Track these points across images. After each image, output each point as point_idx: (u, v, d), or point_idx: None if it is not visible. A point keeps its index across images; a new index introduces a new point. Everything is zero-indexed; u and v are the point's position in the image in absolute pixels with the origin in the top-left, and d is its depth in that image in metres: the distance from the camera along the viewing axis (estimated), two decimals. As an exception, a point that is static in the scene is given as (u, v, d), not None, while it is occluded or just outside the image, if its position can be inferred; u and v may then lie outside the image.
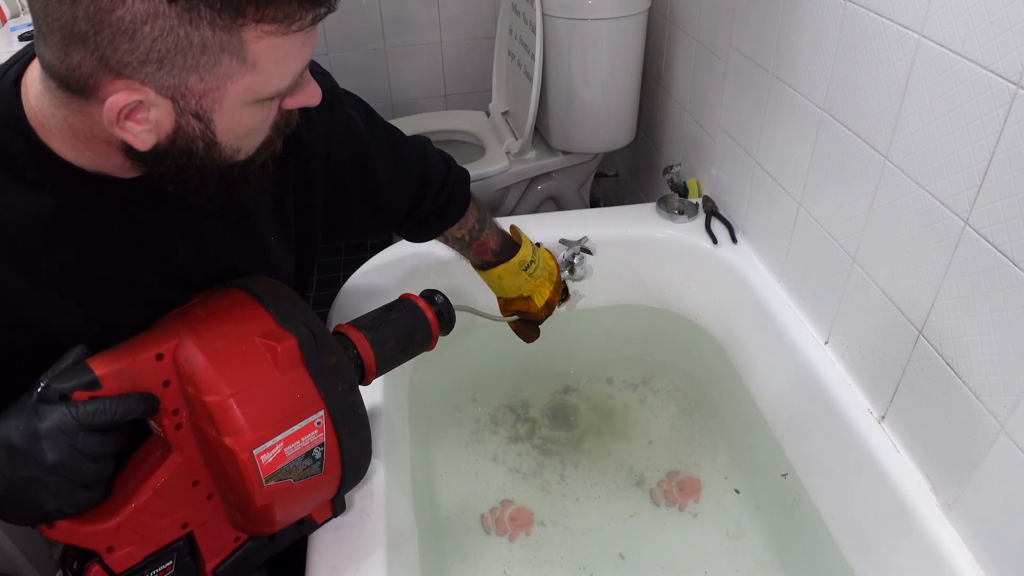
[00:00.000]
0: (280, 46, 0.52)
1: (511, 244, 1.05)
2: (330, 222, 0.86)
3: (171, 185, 0.57)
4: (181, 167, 0.55)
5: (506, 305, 1.10)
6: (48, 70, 0.51)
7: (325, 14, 0.53)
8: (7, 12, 1.73)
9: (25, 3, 1.79)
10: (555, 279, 1.11)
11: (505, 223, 1.09)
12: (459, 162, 1.02)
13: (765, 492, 1.18)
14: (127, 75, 0.48)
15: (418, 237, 1.02)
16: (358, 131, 0.83)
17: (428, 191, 0.93)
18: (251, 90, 0.53)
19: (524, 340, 1.14)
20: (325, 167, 0.80)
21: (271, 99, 0.56)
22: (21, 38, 1.57)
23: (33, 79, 0.55)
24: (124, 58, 0.47)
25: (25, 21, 1.70)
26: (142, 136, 0.52)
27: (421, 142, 0.95)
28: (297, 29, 0.52)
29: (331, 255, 2.31)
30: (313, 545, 0.82)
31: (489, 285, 1.08)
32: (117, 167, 0.58)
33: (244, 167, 0.60)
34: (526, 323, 1.10)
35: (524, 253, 1.04)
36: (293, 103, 0.59)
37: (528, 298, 1.07)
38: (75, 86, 0.50)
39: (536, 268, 1.06)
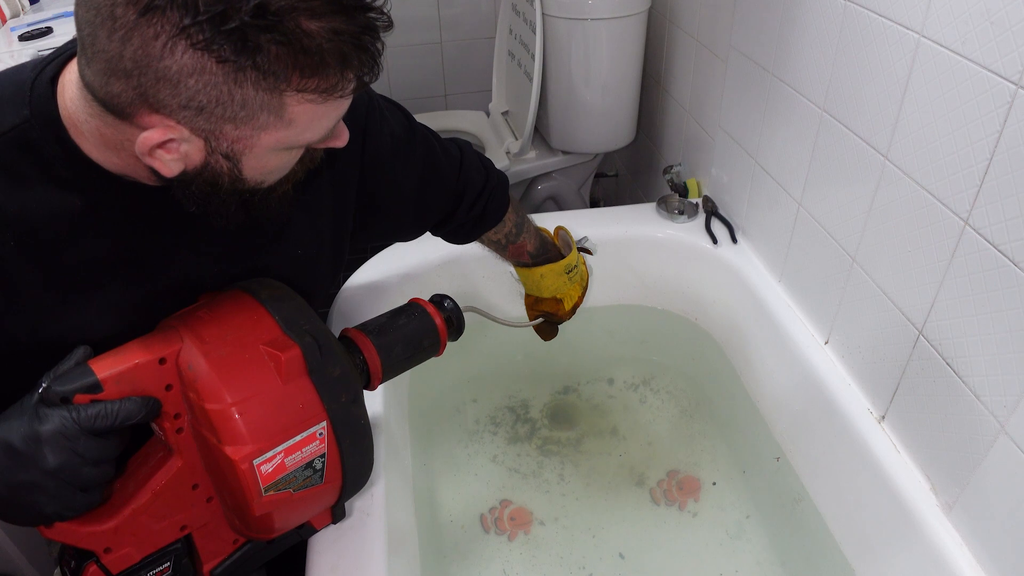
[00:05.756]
0: (318, 109, 0.53)
1: (549, 246, 1.06)
2: (362, 228, 0.86)
3: (192, 206, 0.58)
4: (205, 193, 0.56)
5: (535, 304, 1.10)
6: (88, 88, 0.51)
7: (368, 83, 0.54)
8: (7, 12, 1.72)
9: (26, 3, 1.79)
10: (585, 284, 1.12)
11: (554, 221, 1.07)
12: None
13: (765, 492, 1.18)
14: (164, 112, 0.49)
15: (454, 240, 1.04)
16: (392, 143, 0.83)
17: (464, 201, 0.93)
18: (283, 141, 0.54)
19: (543, 339, 1.15)
20: (359, 176, 0.80)
21: (301, 146, 0.57)
22: (21, 38, 1.56)
23: (71, 81, 0.55)
24: (165, 100, 0.48)
25: (25, 21, 1.69)
26: (170, 164, 0.53)
27: (460, 148, 0.94)
28: (338, 95, 0.52)
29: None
30: (313, 545, 0.82)
31: (525, 283, 1.09)
32: (144, 176, 0.58)
33: (266, 193, 0.61)
34: (549, 324, 1.11)
35: (572, 258, 1.05)
36: (320, 144, 0.60)
37: (559, 300, 1.07)
38: (112, 109, 0.51)
39: (576, 274, 1.07)
